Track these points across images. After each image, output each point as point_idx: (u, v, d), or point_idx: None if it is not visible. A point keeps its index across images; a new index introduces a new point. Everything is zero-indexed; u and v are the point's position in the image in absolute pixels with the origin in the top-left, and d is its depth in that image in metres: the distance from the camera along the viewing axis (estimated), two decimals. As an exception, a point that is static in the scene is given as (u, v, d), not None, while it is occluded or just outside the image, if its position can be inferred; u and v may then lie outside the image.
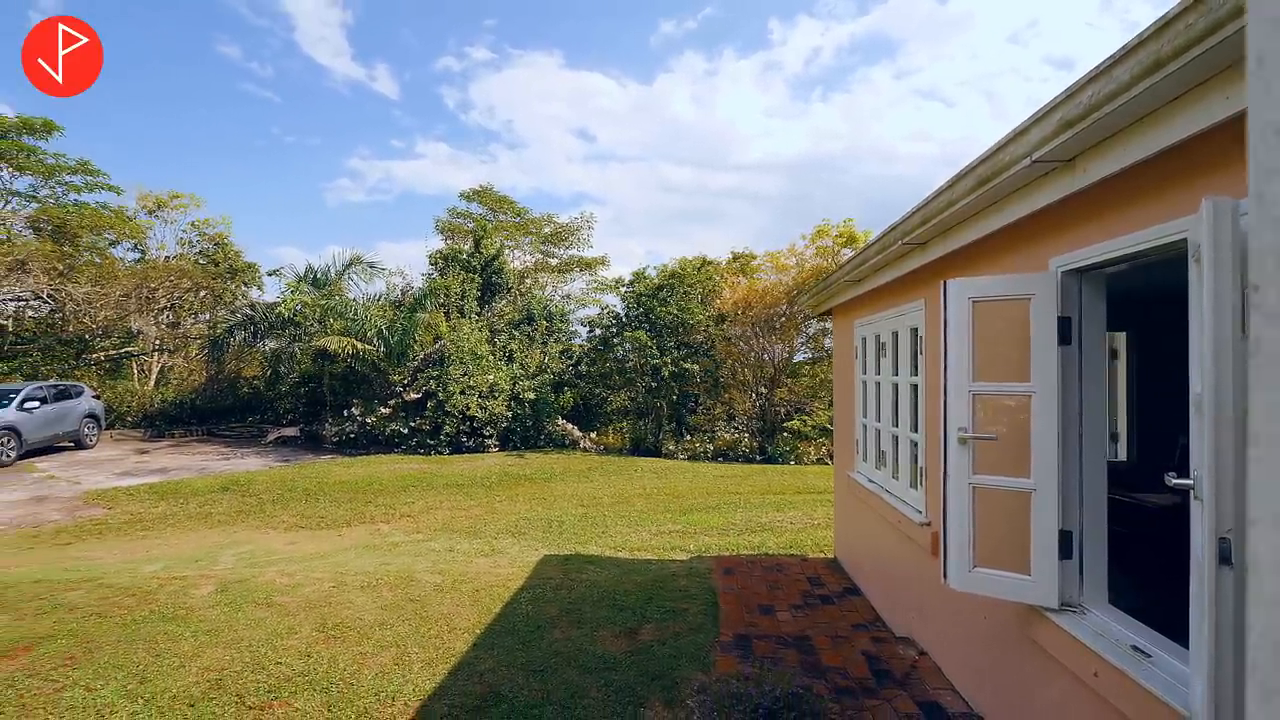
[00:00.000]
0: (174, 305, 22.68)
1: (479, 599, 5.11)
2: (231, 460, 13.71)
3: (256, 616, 4.62)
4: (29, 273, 19.71)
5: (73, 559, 6.79)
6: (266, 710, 3.45)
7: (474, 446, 15.82)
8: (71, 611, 4.65)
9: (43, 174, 24.07)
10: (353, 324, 16.41)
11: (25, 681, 3.67)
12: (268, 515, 8.94)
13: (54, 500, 9.81)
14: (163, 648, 4.10)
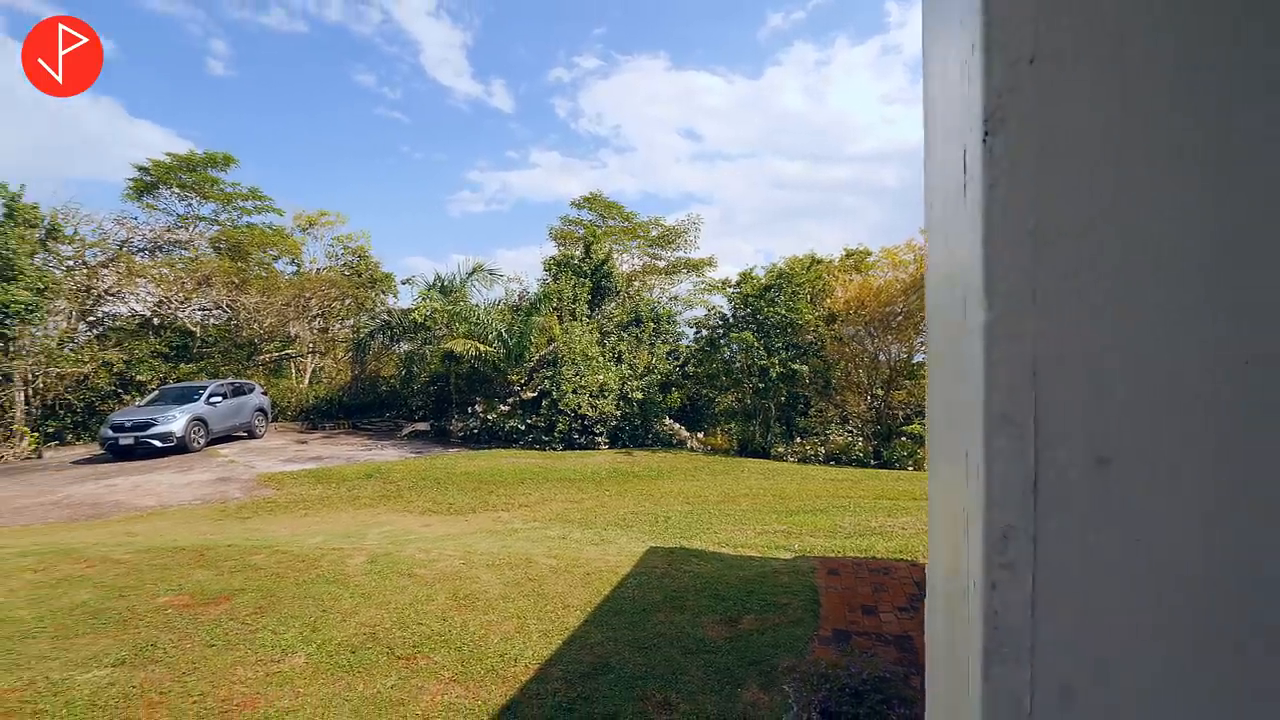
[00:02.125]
0: (324, 312, 25.60)
1: (589, 582, 5.50)
2: (373, 451, 15.32)
3: (400, 585, 5.28)
4: (212, 286, 23.09)
5: (252, 530, 8.01)
6: (411, 661, 3.99)
7: (585, 444, 16.56)
8: (256, 572, 5.56)
9: (222, 201, 28.06)
10: (476, 327, 17.74)
11: (228, 623, 4.49)
12: (405, 500, 9.99)
13: (234, 481, 11.51)
14: (328, 605, 4.83)
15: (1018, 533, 0.45)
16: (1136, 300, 0.44)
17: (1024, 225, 0.46)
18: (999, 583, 0.47)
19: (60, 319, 21.10)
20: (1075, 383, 0.44)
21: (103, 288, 22.34)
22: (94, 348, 21.46)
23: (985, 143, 0.47)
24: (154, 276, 22.70)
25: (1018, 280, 0.45)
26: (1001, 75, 0.47)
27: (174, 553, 6.08)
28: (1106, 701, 0.43)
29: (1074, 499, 0.44)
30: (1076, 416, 0.44)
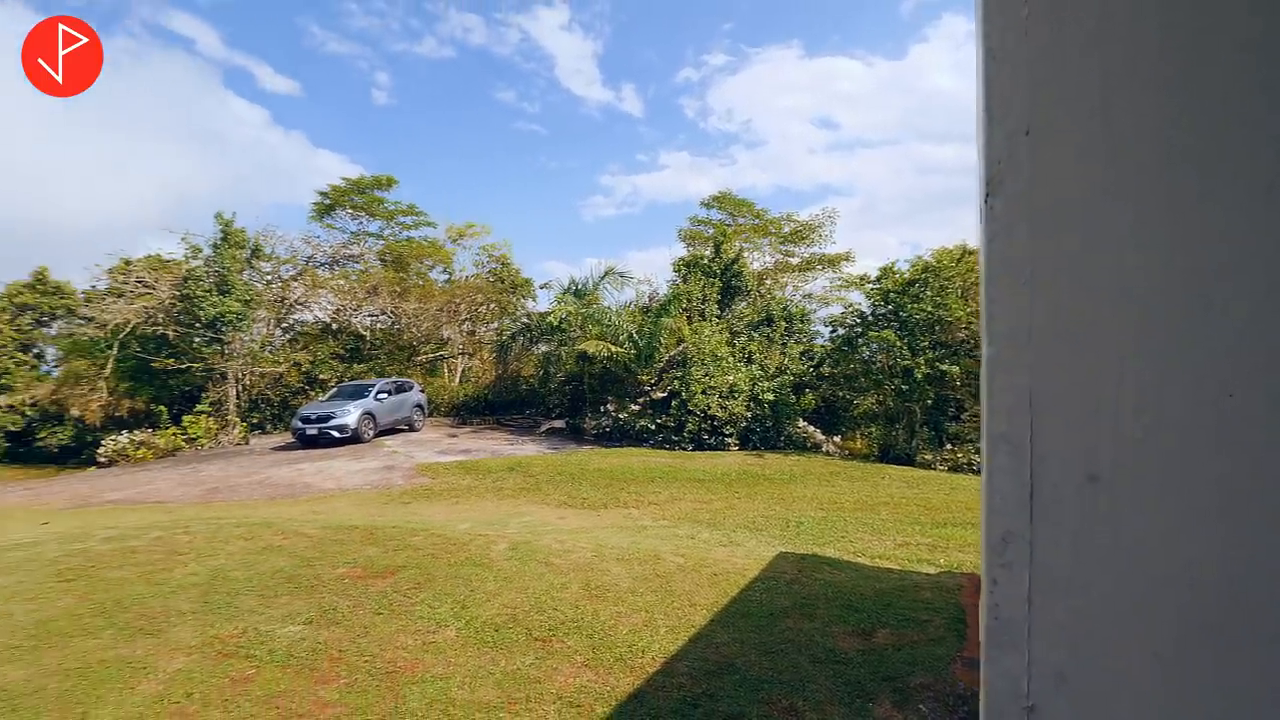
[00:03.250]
0: (472, 316, 27.89)
1: (717, 582, 5.58)
2: (514, 446, 16.50)
3: (537, 572, 5.70)
4: (379, 295, 26.00)
5: (412, 513, 9.00)
6: (547, 644, 4.33)
7: (715, 444, 16.62)
8: (416, 551, 6.26)
9: (386, 218, 31.47)
10: (607, 329, 18.46)
11: (392, 595, 5.12)
12: (543, 493, 10.69)
13: (398, 469, 12.95)
14: (474, 585, 5.34)
15: (1016, 537, 0.49)
16: (1123, 337, 0.46)
17: (1020, 274, 0.50)
18: (999, 580, 0.51)
19: (261, 326, 24.87)
20: (1068, 409, 0.47)
21: (293, 298, 26.02)
22: (287, 350, 25.07)
23: (986, 203, 0.52)
24: (333, 287, 26.04)
25: (1015, 321, 0.49)
26: (1000, 145, 0.51)
27: (349, 530, 7.01)
28: (1096, 686, 0.46)
29: (1067, 510, 0.47)
30: (1070, 439, 0.48)
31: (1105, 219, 0.48)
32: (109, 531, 6.95)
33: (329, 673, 3.88)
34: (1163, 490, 0.46)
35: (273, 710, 3.46)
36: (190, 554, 6.00)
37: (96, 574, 5.45)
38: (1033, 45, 0.49)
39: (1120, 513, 0.47)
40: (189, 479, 12.91)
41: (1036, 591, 0.48)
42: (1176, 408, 0.46)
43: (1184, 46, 0.47)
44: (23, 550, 6.18)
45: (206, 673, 3.83)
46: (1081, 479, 0.47)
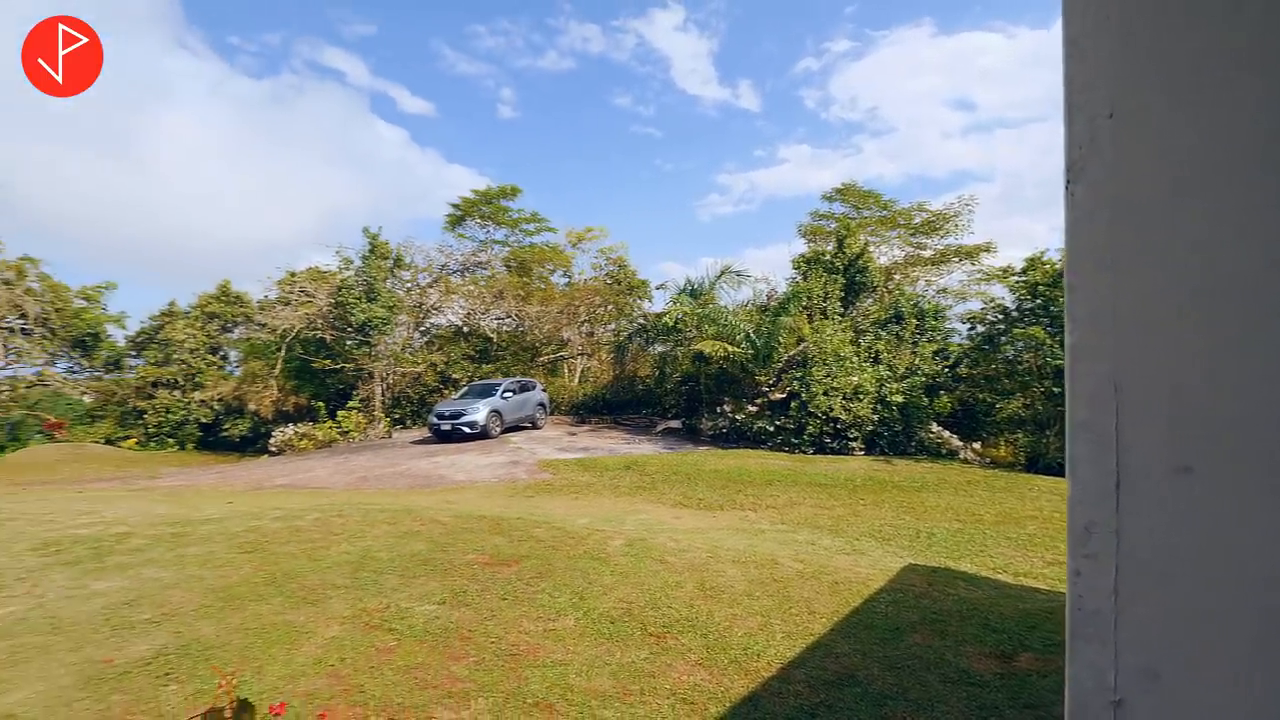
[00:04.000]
0: (590, 318, 28.85)
1: (838, 590, 5.41)
2: (631, 445, 16.87)
3: (652, 569, 5.82)
4: (504, 299, 27.59)
5: (534, 507, 9.49)
6: (662, 640, 4.42)
7: (838, 448, 16.02)
8: (538, 543, 6.61)
9: (511, 225, 33.31)
10: (724, 329, 18.37)
11: (516, 583, 5.45)
12: (658, 492, 10.86)
13: (521, 465, 13.70)
14: (592, 578, 5.55)
15: (1100, 527, 0.46)
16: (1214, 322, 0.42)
17: (1102, 261, 0.47)
18: (1082, 571, 0.48)
19: (402, 329, 27.24)
20: (1157, 397, 0.44)
21: (429, 303, 28.27)
22: (424, 351, 27.28)
23: (1068, 189, 0.49)
24: (464, 293, 27.99)
25: (1098, 307, 0.46)
26: (1082, 131, 0.49)
27: (479, 520, 7.52)
28: (1192, 687, 0.42)
29: (1157, 501, 0.44)
30: (1159, 428, 0.44)
31: (1192, 205, 0.44)
32: (278, 512, 7.95)
33: (459, 650, 4.22)
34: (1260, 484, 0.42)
35: (411, 680, 3.82)
36: (343, 535, 6.73)
37: (269, 548, 6.26)
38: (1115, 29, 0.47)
39: (1215, 506, 0.43)
40: (342, 468, 14.45)
41: (1124, 584, 0.45)
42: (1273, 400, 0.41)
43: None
44: (212, 525, 7.22)
45: (356, 641, 4.29)
46: (1172, 469, 0.44)
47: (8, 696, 3.50)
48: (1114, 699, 0.46)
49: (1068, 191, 0.51)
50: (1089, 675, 0.47)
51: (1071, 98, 0.50)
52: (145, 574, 5.45)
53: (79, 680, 3.68)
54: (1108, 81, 0.47)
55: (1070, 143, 0.51)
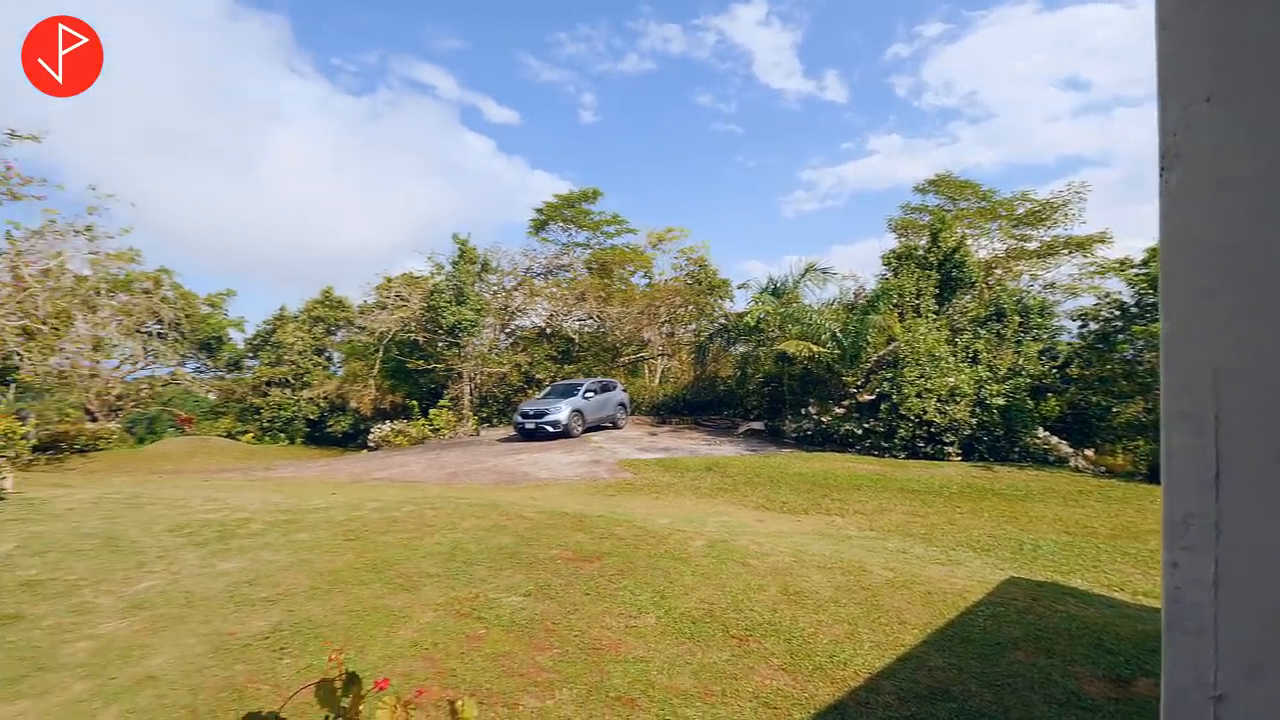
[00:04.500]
0: (671, 318, 28.94)
1: (931, 601, 5.19)
2: (712, 446, 16.80)
3: (734, 572, 5.79)
4: (586, 300, 28.14)
5: (615, 505, 9.64)
6: (744, 642, 4.40)
7: (932, 453, 15.30)
8: (619, 540, 6.72)
9: (592, 228, 33.94)
10: (808, 329, 17.95)
11: (598, 579, 5.57)
12: (740, 494, 10.77)
13: (602, 464, 13.94)
14: (673, 578, 5.59)
15: (1198, 519, 0.43)
16: None
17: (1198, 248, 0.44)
18: (1179, 563, 0.46)
19: (489, 331, 28.33)
20: (1259, 384, 0.41)
21: (514, 306, 29.26)
22: (509, 352, 28.26)
23: (1162, 176, 0.47)
24: (547, 295, 28.79)
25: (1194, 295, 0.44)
26: (1175, 116, 0.47)
27: (562, 517, 7.74)
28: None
29: (1260, 491, 0.41)
30: (1261, 415, 0.41)
31: (1299, 182, 0.42)
32: (376, 503, 8.48)
33: (544, 641, 4.37)
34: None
35: (498, 668, 4.00)
36: (436, 527, 7.10)
37: (369, 537, 6.71)
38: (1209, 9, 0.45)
39: (1323, 497, 0.41)
40: (434, 463, 15.22)
41: (1224, 576, 0.43)
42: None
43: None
44: (318, 514, 7.80)
45: (448, 628, 4.53)
46: (1275, 457, 0.41)
47: (151, 660, 3.95)
48: (1214, 694, 0.44)
49: (1162, 179, 0.49)
50: (1187, 670, 0.45)
51: (1164, 82, 0.49)
52: (262, 556, 5.98)
53: (208, 649, 4.10)
54: (1202, 64, 0.46)
55: (1164, 129, 0.49)
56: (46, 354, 18.64)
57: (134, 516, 7.31)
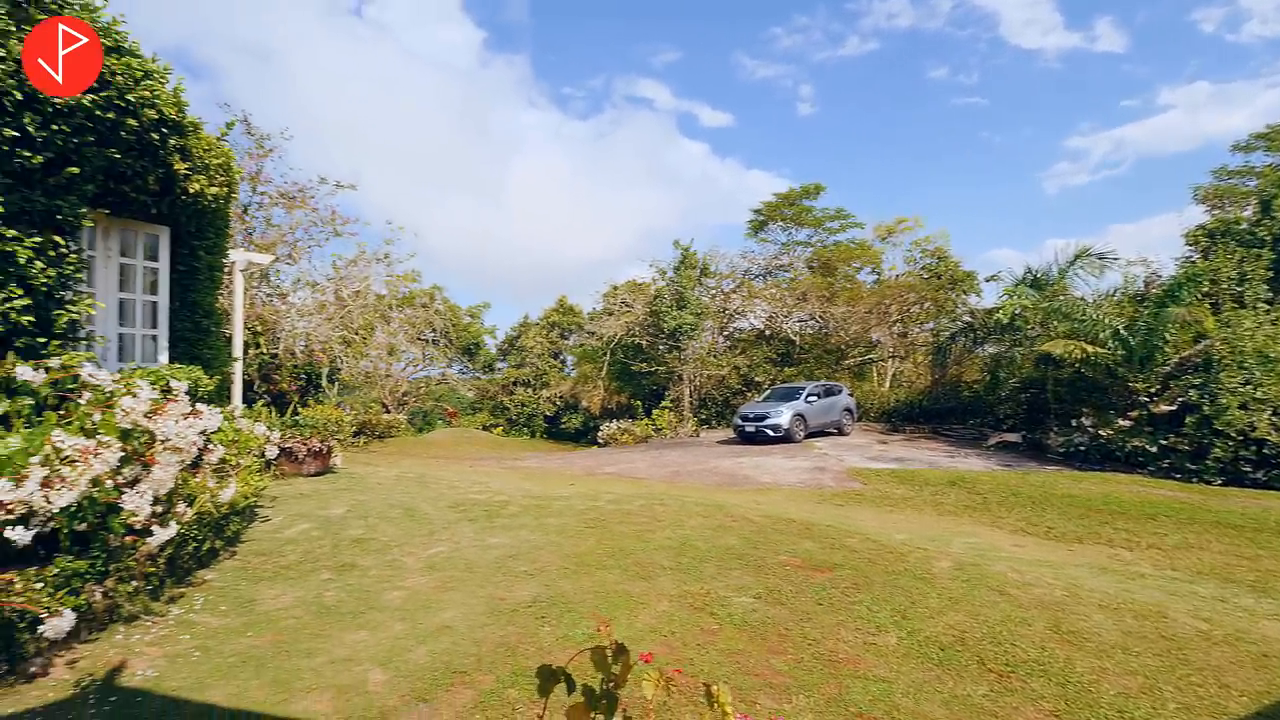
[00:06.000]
0: (903, 317, 26.93)
1: (1267, 666, 4.16)
2: (955, 458, 15.27)
3: (989, 599, 5.22)
4: (807, 301, 27.40)
5: (844, 516, 9.25)
6: (1004, 679, 3.95)
7: (1264, 480, 12.17)
8: (852, 553, 6.45)
9: (813, 225, 32.94)
10: (1080, 325, 15.44)
11: (830, 590, 5.41)
12: (992, 514, 9.63)
13: (828, 471, 13.45)
14: (915, 598, 5.22)
15: None
16: None
17: None
18: None
19: (708, 334, 28.99)
20: None
21: (732, 308, 29.58)
22: (728, 355, 28.64)
23: None
24: (766, 296, 28.62)
25: None
26: None
27: (787, 523, 7.65)
28: None
29: None
30: None
31: None
32: (610, 496, 9.19)
33: (777, 645, 4.37)
34: None
35: (733, 664, 4.10)
36: (665, 522, 7.48)
37: (606, 526, 7.30)
38: None
39: None
40: (657, 462, 16.02)
41: None
42: None
43: None
44: (562, 502, 8.68)
45: (682, 619, 4.76)
46: None
47: (444, 612, 4.76)
48: None
49: None
50: None
51: None
52: (521, 535, 6.84)
53: (485, 610, 4.81)
54: None
55: None
56: (358, 358, 23.35)
57: (424, 493, 8.84)
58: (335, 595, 5.10)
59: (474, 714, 3.51)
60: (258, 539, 6.30)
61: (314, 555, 5.96)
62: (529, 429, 35.68)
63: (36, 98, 4.41)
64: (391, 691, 3.70)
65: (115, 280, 6.34)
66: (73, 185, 4.87)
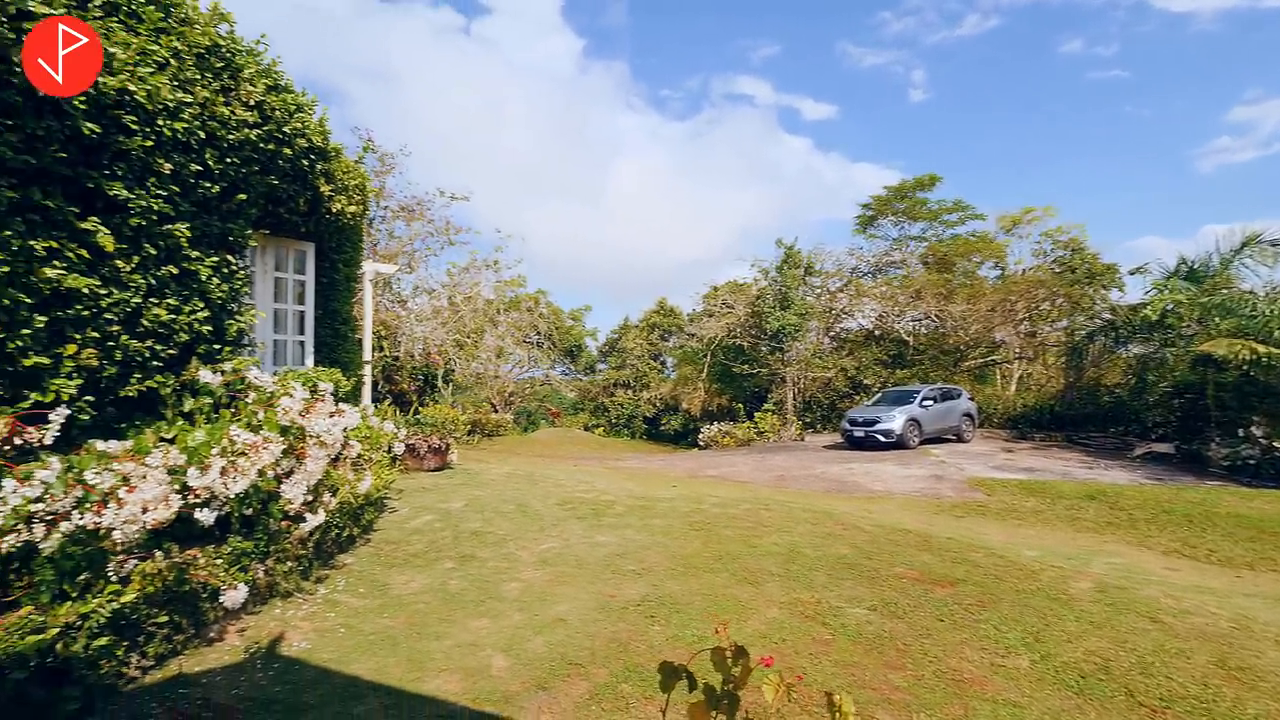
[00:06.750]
0: (1031, 315, 25.01)
1: None
2: (1094, 470, 14.02)
3: (1138, 626, 4.80)
4: (922, 299, 26.08)
5: (965, 528, 8.76)
6: (1158, 715, 3.64)
7: None
8: (975, 568, 6.12)
9: (929, 218, 31.31)
10: (1249, 322, 13.75)
11: (952, 606, 5.17)
12: (1140, 533, 8.78)
13: (946, 480, 12.76)
14: (1049, 620, 4.89)
15: None
16: None
17: None
18: None
19: (813, 335, 28.26)
20: None
21: (839, 308, 28.67)
22: (834, 356, 27.78)
23: None
24: (875, 295, 27.53)
25: None
26: None
27: (903, 534, 7.36)
28: None
29: None
30: None
31: None
32: (714, 499, 9.21)
33: (895, 661, 4.24)
34: None
35: (848, 676, 4.02)
36: (771, 528, 7.41)
37: (711, 529, 7.33)
38: None
39: None
40: (760, 465, 15.82)
41: None
42: None
43: None
44: (665, 503, 8.80)
45: (793, 627, 4.72)
46: None
47: (558, 606, 4.99)
48: None
49: None
50: None
51: None
52: (627, 535, 7.01)
53: (596, 606, 5.00)
54: None
55: None
56: (470, 360, 24.72)
57: (533, 490, 9.25)
58: (458, 583, 5.46)
59: (590, 705, 3.67)
60: (387, 528, 6.85)
61: (437, 545, 6.41)
62: (629, 430, 36.24)
63: (215, 135, 5.08)
64: (513, 677, 3.93)
65: (271, 292, 7.13)
66: (241, 210, 5.55)
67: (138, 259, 4.49)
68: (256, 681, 3.82)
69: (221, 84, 5.31)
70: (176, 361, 4.88)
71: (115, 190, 4.29)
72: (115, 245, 4.25)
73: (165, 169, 4.63)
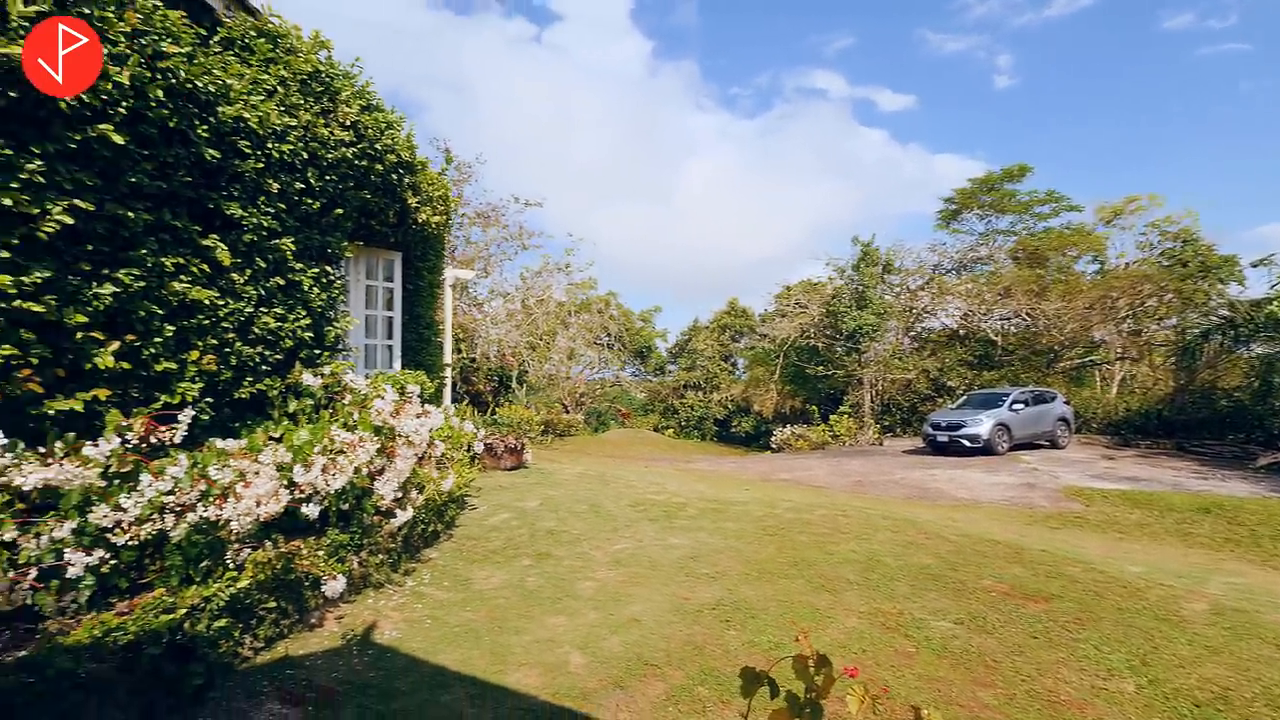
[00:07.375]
0: (1135, 312, 23.34)
1: None
2: (1209, 480, 12.95)
3: (1264, 653, 4.44)
4: (1011, 296, 24.81)
5: (1061, 540, 8.29)
6: (1284, 750, 3.37)
7: None
8: (1072, 583, 5.80)
9: (1018, 211, 29.75)
10: (1393, 318, 12.39)
11: (1047, 623, 4.93)
12: (1264, 551, 8.07)
13: (1039, 489, 12.10)
14: (1157, 642, 4.59)
15: None
16: None
17: None
18: None
19: (891, 335, 27.38)
20: None
21: (920, 307, 27.64)
22: (915, 357, 26.80)
23: None
24: (960, 293, 26.38)
25: None
26: None
27: (991, 544, 7.05)
28: None
29: None
30: None
31: None
32: (789, 503, 9.09)
33: (984, 678, 4.10)
34: None
35: (934, 692, 3.92)
36: (849, 534, 7.27)
37: (785, 535, 7.25)
38: None
39: None
40: (836, 470, 15.46)
41: None
42: None
43: None
44: (739, 507, 8.76)
45: (874, 638, 4.63)
46: None
47: (632, 606, 5.09)
48: None
49: None
50: None
51: None
52: (700, 538, 7.04)
53: (670, 608, 5.06)
54: None
55: None
56: (542, 362, 25.33)
57: (606, 491, 9.42)
58: (536, 581, 5.65)
59: (667, 706, 3.73)
60: (468, 525, 7.15)
61: (515, 543, 6.65)
62: (699, 432, 36.16)
63: (316, 155, 5.49)
64: (591, 675, 4.05)
65: (363, 299, 7.59)
66: (338, 224, 5.96)
67: (250, 272, 4.90)
68: (353, 666, 4.09)
69: (322, 107, 5.71)
70: (282, 366, 5.29)
71: (231, 209, 4.71)
72: (231, 260, 4.66)
73: (273, 188, 5.04)
